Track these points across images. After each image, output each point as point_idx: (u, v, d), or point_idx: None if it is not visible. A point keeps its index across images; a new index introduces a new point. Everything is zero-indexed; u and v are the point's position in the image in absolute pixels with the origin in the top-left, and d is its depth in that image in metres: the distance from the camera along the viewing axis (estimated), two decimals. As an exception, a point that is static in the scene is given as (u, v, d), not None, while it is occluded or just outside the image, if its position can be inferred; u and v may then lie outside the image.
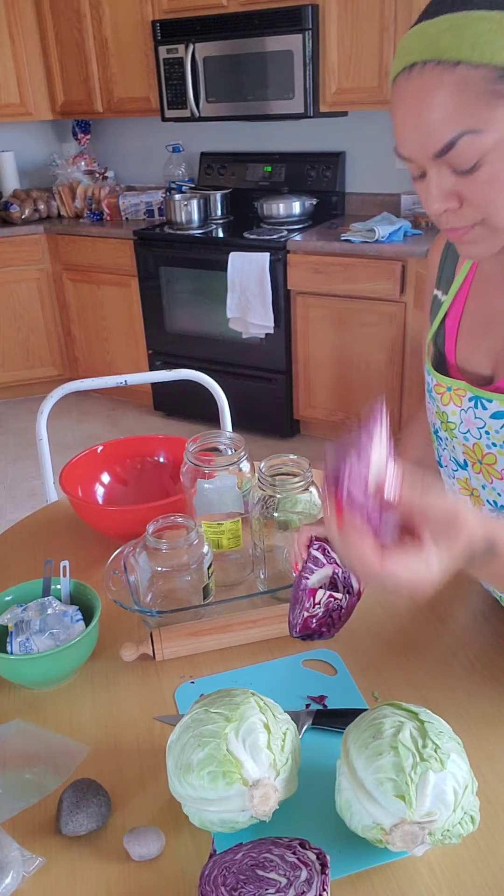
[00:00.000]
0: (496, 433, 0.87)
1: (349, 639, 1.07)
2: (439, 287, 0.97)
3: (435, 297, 0.98)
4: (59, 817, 0.81)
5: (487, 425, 0.88)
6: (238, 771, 0.74)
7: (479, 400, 0.88)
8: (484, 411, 0.88)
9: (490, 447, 0.89)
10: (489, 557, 0.71)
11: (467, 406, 0.90)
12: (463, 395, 0.90)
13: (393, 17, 2.92)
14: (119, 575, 1.12)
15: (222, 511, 1.20)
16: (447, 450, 0.98)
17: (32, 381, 4.28)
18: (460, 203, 0.74)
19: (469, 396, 0.89)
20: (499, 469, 0.90)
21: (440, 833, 0.72)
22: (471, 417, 0.90)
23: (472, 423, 0.90)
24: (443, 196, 0.73)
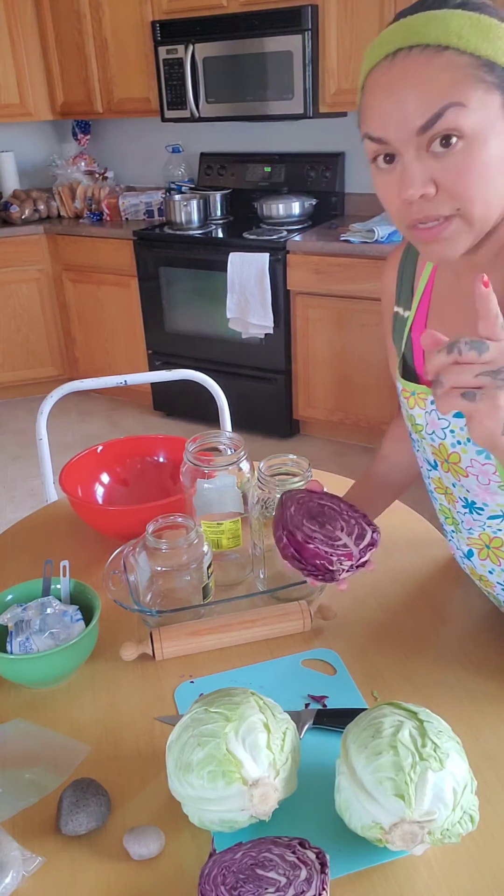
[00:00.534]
0: (460, 431, 0.90)
1: (349, 639, 1.07)
2: (399, 304, 1.00)
3: (397, 314, 1.00)
4: (59, 817, 0.81)
5: (451, 424, 0.91)
6: (238, 770, 0.75)
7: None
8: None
9: (454, 446, 0.92)
10: None
11: (430, 408, 0.93)
12: (426, 398, 0.93)
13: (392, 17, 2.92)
14: (119, 575, 1.12)
15: (222, 511, 1.20)
16: (420, 451, 1.01)
17: (32, 381, 4.28)
18: (436, 189, 0.74)
19: (431, 399, 0.92)
20: (464, 466, 0.92)
21: (439, 832, 0.72)
22: (434, 419, 0.93)
23: (436, 423, 0.93)
24: (420, 181, 0.73)
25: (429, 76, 0.71)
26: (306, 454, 1.24)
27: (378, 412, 3.37)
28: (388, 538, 1.29)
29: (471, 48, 0.71)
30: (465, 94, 0.71)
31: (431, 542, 1.28)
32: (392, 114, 0.73)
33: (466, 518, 0.97)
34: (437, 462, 0.97)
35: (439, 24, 0.71)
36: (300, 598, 1.13)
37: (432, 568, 1.21)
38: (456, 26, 0.71)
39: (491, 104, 0.72)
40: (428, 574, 1.20)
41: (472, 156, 0.72)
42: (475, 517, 0.96)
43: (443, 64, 0.71)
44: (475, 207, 0.74)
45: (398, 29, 0.74)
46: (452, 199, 0.74)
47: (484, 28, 0.71)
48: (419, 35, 0.72)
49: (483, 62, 0.71)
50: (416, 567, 1.22)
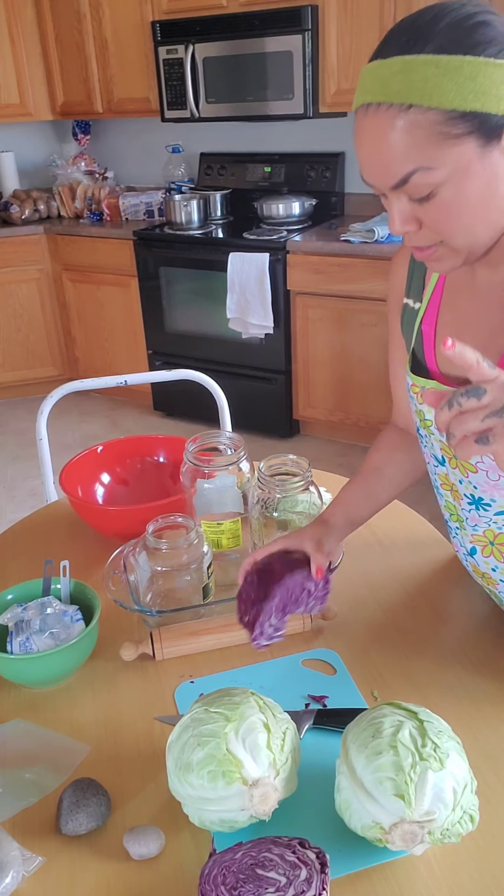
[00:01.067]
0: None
1: (349, 638, 1.07)
2: (409, 296, 1.00)
3: (406, 306, 1.00)
4: (59, 816, 0.81)
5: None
6: (238, 770, 0.75)
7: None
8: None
9: None
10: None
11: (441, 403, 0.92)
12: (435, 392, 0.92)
13: (392, 17, 2.92)
14: (119, 574, 1.12)
15: (222, 511, 1.20)
16: (427, 447, 1.01)
17: (32, 381, 4.28)
18: (419, 226, 0.79)
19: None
20: (473, 462, 0.92)
21: (439, 832, 0.72)
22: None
23: None
24: (402, 220, 0.78)
25: (393, 140, 0.72)
26: (306, 454, 1.24)
27: (378, 412, 3.37)
28: (388, 538, 1.29)
29: (435, 103, 0.70)
30: (430, 156, 0.72)
31: (431, 542, 1.28)
32: (368, 168, 0.77)
33: (472, 514, 0.97)
34: (444, 458, 0.97)
35: (405, 79, 0.70)
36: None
37: (432, 568, 1.21)
38: (420, 80, 0.69)
39: (462, 153, 0.72)
40: (428, 574, 1.20)
41: (447, 201, 0.75)
42: (481, 513, 0.96)
43: (407, 125, 0.71)
44: (456, 239, 0.78)
45: (370, 76, 0.74)
46: (434, 234, 0.79)
47: (453, 73, 0.69)
48: (385, 90, 0.72)
49: (451, 114, 0.70)
50: (416, 567, 1.22)
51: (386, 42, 0.74)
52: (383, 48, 0.73)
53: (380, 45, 0.74)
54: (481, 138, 0.71)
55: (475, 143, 0.71)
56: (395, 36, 0.73)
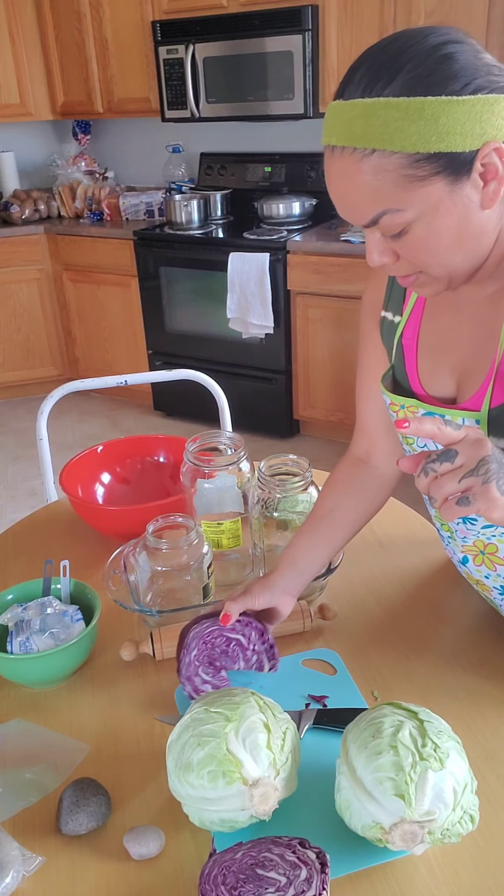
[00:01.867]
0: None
1: (349, 638, 1.07)
2: (388, 308, 0.98)
3: (384, 319, 0.99)
4: (59, 816, 0.81)
5: None
6: (238, 770, 0.75)
7: (432, 415, 0.89)
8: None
9: None
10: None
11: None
12: (416, 412, 0.92)
13: (392, 17, 2.92)
14: (119, 574, 1.12)
15: (222, 511, 1.20)
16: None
17: (32, 381, 4.28)
18: (396, 258, 0.79)
19: (422, 412, 0.91)
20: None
21: (439, 832, 0.72)
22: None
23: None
24: (378, 253, 0.79)
25: (360, 183, 0.72)
26: (306, 454, 1.24)
27: (378, 412, 3.37)
28: (388, 538, 1.29)
29: (398, 147, 0.69)
30: (398, 197, 0.71)
31: (431, 542, 1.28)
32: (339, 207, 0.77)
33: (460, 528, 0.97)
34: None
35: (366, 123, 0.69)
36: (301, 598, 1.13)
37: (432, 568, 1.21)
38: (381, 124, 0.68)
39: (431, 193, 0.71)
40: (428, 574, 1.20)
41: (419, 237, 0.74)
42: (469, 527, 0.95)
43: (372, 170, 0.70)
44: (433, 270, 0.78)
45: (333, 117, 0.72)
46: (411, 266, 0.79)
47: (414, 115, 0.67)
48: (348, 134, 0.70)
49: (415, 157, 0.69)
50: (415, 567, 1.22)
51: (349, 79, 0.72)
52: (346, 86, 0.72)
53: (343, 80, 0.73)
54: (449, 176, 0.70)
55: (443, 181, 0.71)
56: (357, 73, 0.71)
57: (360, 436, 1.10)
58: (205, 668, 0.95)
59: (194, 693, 0.95)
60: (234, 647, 0.97)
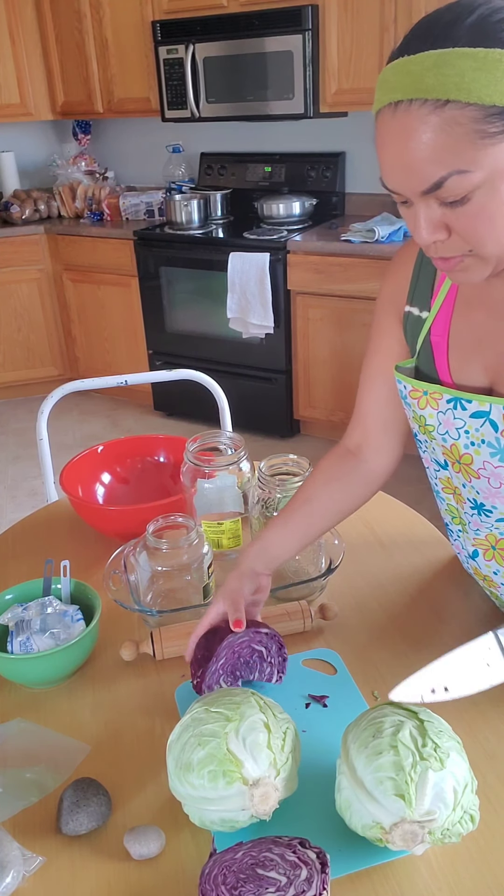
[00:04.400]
0: (475, 432, 0.89)
1: (349, 638, 1.07)
2: (413, 304, 0.96)
3: (409, 314, 0.97)
4: (60, 816, 0.81)
5: (467, 425, 0.89)
6: (238, 770, 0.75)
7: (458, 401, 0.89)
8: (464, 412, 0.89)
9: (467, 447, 0.91)
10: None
11: (445, 408, 0.91)
12: (439, 398, 0.91)
13: (393, 17, 2.92)
14: (119, 574, 1.12)
15: (222, 511, 1.20)
16: (427, 452, 0.99)
17: (33, 381, 4.28)
18: (448, 234, 0.74)
19: (447, 399, 0.90)
20: (476, 468, 0.91)
21: (440, 832, 0.72)
22: (450, 419, 0.91)
23: (450, 423, 0.91)
24: (431, 228, 0.74)
25: (428, 139, 0.67)
26: (306, 454, 1.24)
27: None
28: (389, 538, 1.29)
29: (474, 98, 0.65)
30: (468, 157, 0.67)
31: (432, 542, 1.28)
32: (397, 173, 0.72)
33: (474, 519, 0.97)
34: (447, 462, 0.96)
35: (439, 73, 0.66)
36: (301, 598, 1.13)
37: (433, 568, 1.21)
38: (456, 73, 0.65)
39: (500, 152, 0.68)
40: (428, 574, 1.20)
41: (481, 205, 0.70)
42: (483, 519, 0.95)
43: (443, 123, 0.66)
44: (487, 248, 0.74)
45: (398, 72, 0.69)
46: (464, 243, 0.74)
47: (490, 67, 0.65)
48: (417, 86, 0.67)
49: (490, 110, 0.65)
50: (416, 567, 1.22)
51: (410, 40, 0.69)
52: (408, 45, 0.69)
53: (402, 43, 0.70)
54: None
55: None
56: (419, 33, 0.69)
57: (355, 426, 1.08)
58: (226, 678, 0.96)
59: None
60: (255, 657, 0.97)
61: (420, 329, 0.95)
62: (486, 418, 0.87)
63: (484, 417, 0.87)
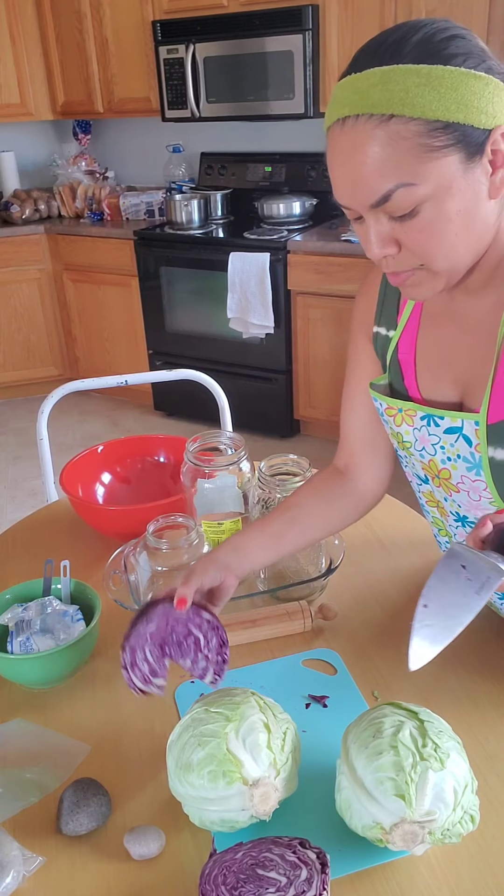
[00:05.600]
0: (451, 447, 0.88)
1: (349, 638, 1.07)
2: (380, 324, 0.96)
3: (377, 334, 0.97)
4: (60, 816, 0.81)
5: (442, 441, 0.89)
6: (238, 770, 0.75)
7: (431, 418, 0.89)
8: (437, 428, 0.89)
9: (444, 462, 0.90)
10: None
11: (420, 425, 0.91)
12: (414, 415, 0.91)
13: (393, 16, 2.92)
14: (119, 574, 1.12)
15: (222, 511, 1.20)
16: (408, 467, 0.99)
17: (33, 381, 4.28)
18: (398, 248, 0.75)
19: (421, 415, 0.90)
20: (454, 483, 0.91)
21: (440, 832, 0.72)
22: (425, 435, 0.91)
23: (426, 440, 0.91)
24: (381, 242, 0.75)
25: (374, 153, 0.69)
26: (307, 454, 1.24)
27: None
28: (389, 538, 1.29)
29: (418, 112, 0.67)
30: (413, 170, 0.69)
31: (432, 542, 1.28)
32: (347, 187, 0.73)
33: (459, 531, 0.97)
34: (427, 477, 0.95)
35: (384, 89, 0.67)
36: (301, 598, 1.13)
37: (433, 568, 1.21)
38: (401, 89, 0.67)
39: (445, 167, 0.69)
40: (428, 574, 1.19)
41: (428, 220, 0.72)
42: (467, 530, 0.95)
43: (388, 137, 0.68)
44: (438, 262, 0.75)
45: (347, 88, 0.71)
46: (414, 257, 0.75)
47: (435, 83, 0.67)
48: (364, 101, 0.68)
49: (434, 125, 0.67)
50: (416, 567, 1.22)
51: (358, 58, 0.71)
52: (357, 63, 0.71)
53: (351, 62, 0.72)
54: (463, 152, 0.69)
55: (457, 157, 0.69)
56: (367, 51, 0.71)
57: (342, 447, 1.08)
58: (151, 648, 0.88)
59: (126, 664, 0.87)
60: (190, 641, 0.88)
61: (387, 348, 0.95)
62: (459, 434, 0.87)
63: (457, 433, 0.87)
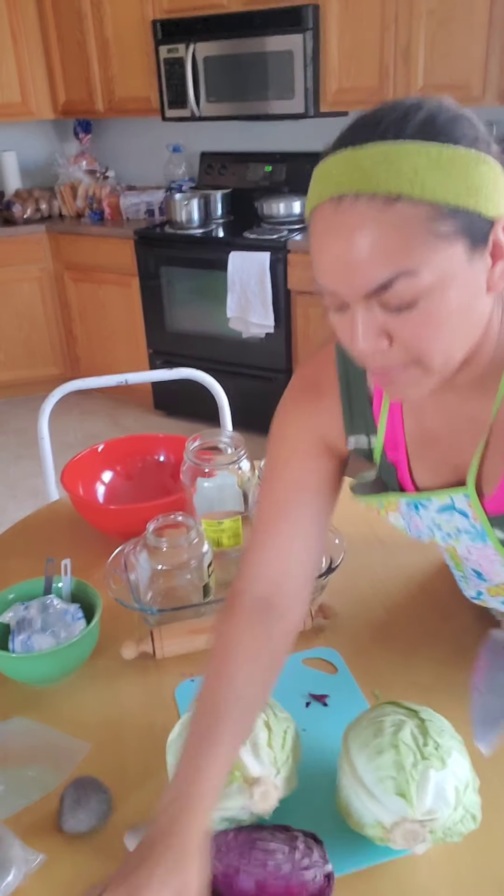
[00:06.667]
0: (447, 524, 0.85)
1: (350, 637, 1.07)
2: (354, 432, 0.86)
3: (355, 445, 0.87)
4: (61, 814, 0.81)
5: (436, 520, 0.85)
6: (238, 768, 0.75)
7: (417, 503, 0.85)
8: (426, 511, 0.85)
9: (446, 539, 0.87)
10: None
11: (407, 511, 0.87)
12: (397, 501, 0.87)
13: (394, 16, 2.92)
14: (120, 573, 1.13)
15: (222, 509, 1.20)
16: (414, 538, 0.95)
17: (34, 381, 4.28)
18: (390, 342, 0.66)
19: (405, 503, 0.86)
20: (462, 555, 0.89)
21: (441, 831, 0.72)
22: (417, 520, 0.87)
23: (419, 523, 0.88)
24: (372, 335, 0.66)
25: (377, 236, 0.61)
26: (307, 453, 1.24)
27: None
28: (390, 536, 1.29)
29: (427, 196, 0.60)
30: (418, 258, 0.61)
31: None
32: (339, 272, 0.64)
33: (474, 580, 0.94)
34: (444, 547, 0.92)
35: (391, 168, 0.60)
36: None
37: (434, 567, 1.21)
38: (410, 169, 0.60)
39: (450, 257, 0.62)
40: (429, 573, 1.20)
41: (428, 311, 0.64)
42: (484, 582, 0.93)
43: (393, 220, 0.61)
44: (434, 358, 0.67)
45: (344, 165, 0.63)
46: (408, 352, 0.67)
47: (445, 165, 0.61)
48: (368, 180, 0.61)
49: (441, 209, 0.61)
50: (417, 566, 1.22)
51: (353, 132, 0.64)
52: (352, 136, 0.63)
53: (344, 135, 0.65)
54: (469, 241, 0.63)
55: (463, 246, 0.63)
56: (365, 125, 0.63)
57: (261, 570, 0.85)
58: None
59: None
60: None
61: (373, 453, 0.87)
62: (452, 510, 0.83)
63: (450, 510, 0.83)
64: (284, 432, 0.89)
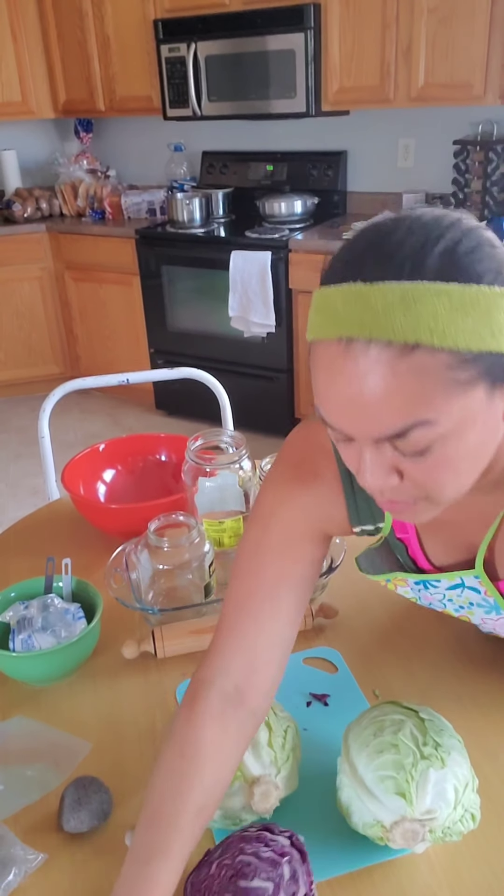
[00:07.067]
0: (459, 598, 0.84)
1: (350, 637, 1.07)
2: (362, 523, 0.83)
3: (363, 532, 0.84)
4: (61, 814, 0.81)
5: (447, 596, 0.85)
6: (239, 768, 0.75)
7: (425, 583, 0.84)
8: (436, 590, 0.84)
9: (459, 610, 0.87)
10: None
11: (416, 588, 0.86)
12: (405, 580, 0.85)
13: (395, 15, 2.92)
14: (121, 573, 1.13)
15: (224, 509, 1.20)
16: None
17: (34, 380, 4.28)
18: (401, 478, 0.62)
19: (414, 581, 0.84)
20: (477, 623, 0.90)
21: (441, 830, 0.72)
22: (427, 594, 0.87)
23: (429, 597, 0.87)
24: (382, 473, 0.62)
25: (392, 386, 0.56)
26: (308, 453, 1.24)
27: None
28: (390, 537, 1.29)
29: (448, 344, 0.55)
30: (435, 407, 0.56)
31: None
32: (347, 415, 0.59)
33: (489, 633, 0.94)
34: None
35: (409, 313, 0.54)
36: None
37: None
38: (429, 315, 0.54)
39: (469, 403, 0.57)
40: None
41: (444, 456, 0.60)
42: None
43: (410, 369, 0.55)
44: (445, 494, 0.63)
45: (354, 303, 0.56)
46: (419, 489, 0.63)
47: (469, 308, 0.55)
48: (382, 325, 0.55)
49: (463, 356, 0.55)
50: (417, 566, 1.22)
51: (364, 261, 0.58)
52: (362, 268, 0.57)
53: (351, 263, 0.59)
54: (488, 383, 0.57)
55: (483, 390, 0.57)
56: (376, 256, 0.57)
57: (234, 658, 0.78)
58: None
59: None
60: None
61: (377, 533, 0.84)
62: (462, 588, 0.81)
63: (460, 587, 0.82)
64: (278, 513, 0.81)
